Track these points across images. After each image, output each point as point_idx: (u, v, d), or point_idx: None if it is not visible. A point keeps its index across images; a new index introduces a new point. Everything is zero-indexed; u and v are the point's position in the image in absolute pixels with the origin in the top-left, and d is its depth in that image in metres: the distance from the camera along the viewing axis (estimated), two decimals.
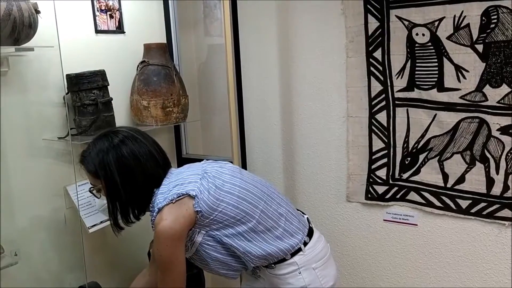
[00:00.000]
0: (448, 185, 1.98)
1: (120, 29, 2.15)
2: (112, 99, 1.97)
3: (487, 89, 1.81)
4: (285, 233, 1.60)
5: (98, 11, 2.06)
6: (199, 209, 1.50)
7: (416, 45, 1.94)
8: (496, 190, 1.87)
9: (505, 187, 1.84)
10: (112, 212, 1.58)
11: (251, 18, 2.33)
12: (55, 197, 1.94)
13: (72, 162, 1.84)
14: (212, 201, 1.52)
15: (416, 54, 1.95)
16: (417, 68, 1.96)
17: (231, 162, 2.10)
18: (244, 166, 2.11)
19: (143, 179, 1.55)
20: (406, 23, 1.94)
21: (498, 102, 1.80)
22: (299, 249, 1.61)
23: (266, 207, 1.60)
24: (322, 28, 2.16)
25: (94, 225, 1.94)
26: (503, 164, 1.84)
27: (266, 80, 2.38)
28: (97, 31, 2.06)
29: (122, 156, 1.53)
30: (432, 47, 1.91)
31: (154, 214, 1.52)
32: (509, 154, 1.82)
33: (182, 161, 2.45)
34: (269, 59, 2.36)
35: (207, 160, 1.71)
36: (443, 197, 2.00)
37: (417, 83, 1.97)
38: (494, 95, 1.81)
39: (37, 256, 1.89)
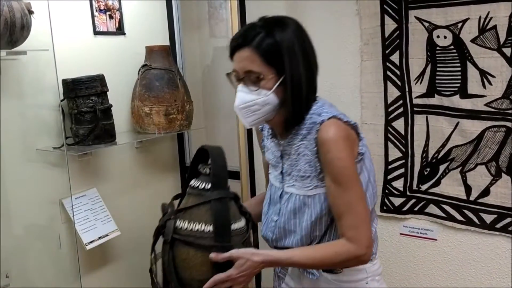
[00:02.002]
0: (471, 198, 1.86)
1: (120, 30, 2.05)
2: (111, 106, 1.86)
3: None
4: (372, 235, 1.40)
5: (96, 11, 1.94)
6: (362, 151, 1.28)
7: (437, 48, 1.83)
8: None
9: None
10: (291, 105, 1.26)
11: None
12: (50, 210, 1.82)
13: (68, 174, 1.72)
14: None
15: (437, 58, 1.84)
16: (438, 73, 1.85)
17: (239, 172, 2.00)
18: (252, 175, 2.01)
19: (315, 78, 1.30)
20: (426, 24, 1.83)
21: None
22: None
23: (373, 202, 1.41)
24: (335, 29, 2.05)
25: (92, 241, 1.82)
26: None
27: None
28: (96, 33, 1.96)
29: (305, 39, 1.26)
30: (454, 51, 1.80)
31: (319, 120, 1.24)
32: None
33: (186, 170, 2.32)
34: None
35: None
36: (465, 211, 1.89)
37: (438, 89, 1.86)
38: None
39: (30, 272, 1.77)
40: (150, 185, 2.21)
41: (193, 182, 1.31)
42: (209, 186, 1.27)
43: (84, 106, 1.76)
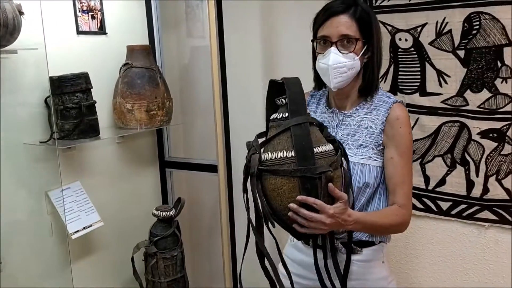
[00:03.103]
0: (429, 187, 2.02)
1: (102, 30, 2.12)
2: (95, 102, 1.94)
3: (468, 94, 1.86)
4: None
5: (79, 11, 2.01)
6: None
7: (399, 50, 1.97)
8: (476, 192, 1.92)
9: (485, 190, 1.90)
10: (372, 73, 1.44)
11: (234, 19, 2.31)
12: (36, 202, 1.88)
13: (58, 166, 1.79)
14: None
15: (399, 59, 1.98)
16: (400, 73, 2.00)
17: (216, 166, 2.11)
18: (229, 169, 2.10)
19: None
20: (389, 28, 1.97)
21: (478, 106, 1.85)
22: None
23: None
24: (308, 31, 2.15)
25: (77, 231, 1.90)
26: (483, 167, 1.89)
27: (251, 82, 2.36)
28: (79, 32, 2.02)
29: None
30: (414, 52, 1.94)
31: (391, 100, 1.42)
32: (488, 158, 1.87)
33: (165, 164, 2.42)
34: (253, 60, 2.34)
35: None
36: (424, 199, 2.05)
37: (400, 87, 2.01)
38: (475, 99, 1.85)
39: (19, 263, 1.83)
40: (131, 178, 2.30)
41: (273, 116, 1.30)
42: (287, 114, 1.25)
43: (69, 102, 1.83)
